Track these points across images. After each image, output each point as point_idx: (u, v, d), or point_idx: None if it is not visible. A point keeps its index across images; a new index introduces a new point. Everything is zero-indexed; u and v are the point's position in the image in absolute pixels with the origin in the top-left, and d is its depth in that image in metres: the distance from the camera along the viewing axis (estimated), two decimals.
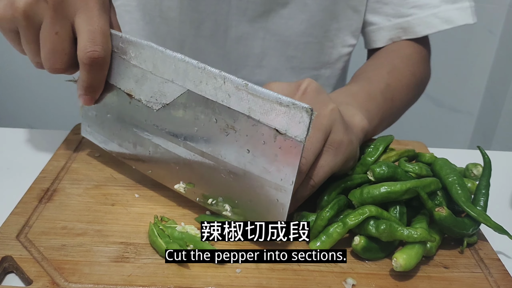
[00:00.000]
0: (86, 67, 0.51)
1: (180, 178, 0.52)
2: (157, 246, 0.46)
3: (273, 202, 0.46)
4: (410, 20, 0.77)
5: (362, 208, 0.47)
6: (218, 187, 0.49)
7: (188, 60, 0.47)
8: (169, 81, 0.49)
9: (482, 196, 0.52)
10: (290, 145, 0.43)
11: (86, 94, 0.53)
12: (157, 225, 0.49)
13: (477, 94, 1.74)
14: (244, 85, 0.44)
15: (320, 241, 0.47)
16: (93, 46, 0.49)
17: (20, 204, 0.52)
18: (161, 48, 0.49)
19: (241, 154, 0.46)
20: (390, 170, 0.51)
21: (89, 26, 0.49)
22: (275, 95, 0.43)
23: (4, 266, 0.44)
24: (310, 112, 0.42)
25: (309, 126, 0.42)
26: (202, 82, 0.47)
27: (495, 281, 0.46)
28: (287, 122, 0.43)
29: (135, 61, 0.51)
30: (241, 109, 0.45)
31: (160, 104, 0.50)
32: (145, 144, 0.54)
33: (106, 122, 0.57)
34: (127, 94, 0.53)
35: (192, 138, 0.49)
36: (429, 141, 0.75)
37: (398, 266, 0.44)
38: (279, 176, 0.45)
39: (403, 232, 0.45)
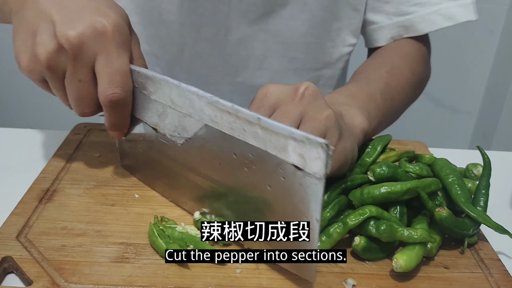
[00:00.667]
0: (108, 109, 0.51)
1: (210, 211, 0.51)
2: (157, 247, 0.46)
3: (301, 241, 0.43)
4: (412, 18, 0.77)
5: (362, 208, 0.47)
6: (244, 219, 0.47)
7: (202, 94, 0.45)
8: (187, 115, 0.48)
9: (482, 196, 0.52)
10: (310, 182, 0.40)
11: (113, 131, 0.54)
12: (157, 225, 0.48)
13: (477, 94, 1.74)
14: (257, 120, 0.42)
15: (320, 241, 0.47)
16: (112, 88, 0.50)
17: (20, 204, 0.52)
18: (176, 82, 0.47)
19: (263, 189, 0.44)
20: (390, 171, 0.50)
21: (107, 68, 0.49)
22: (288, 129, 0.40)
23: (4, 266, 0.44)
24: (326, 147, 0.38)
25: (327, 162, 0.39)
26: (217, 116, 0.45)
27: (496, 281, 0.46)
28: (304, 158, 0.40)
29: (154, 96, 0.50)
30: (257, 144, 0.43)
31: (182, 138, 0.49)
32: (175, 177, 0.53)
33: (138, 155, 0.57)
34: (153, 128, 0.52)
35: (216, 173, 0.48)
36: (429, 141, 0.75)
37: (398, 267, 0.44)
38: (303, 214, 0.42)
39: (403, 233, 0.45)
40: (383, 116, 0.67)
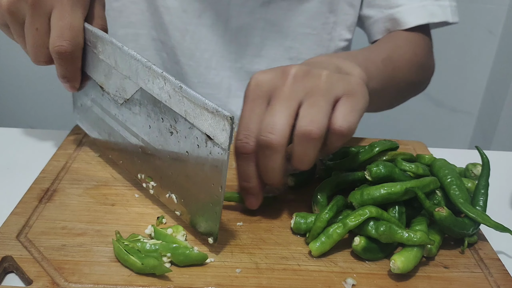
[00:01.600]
0: (56, 60, 0.54)
1: (142, 171, 0.54)
2: (131, 264, 0.44)
3: (207, 206, 0.46)
4: (401, 10, 0.80)
5: (362, 209, 0.47)
6: (168, 183, 0.51)
7: (139, 58, 0.48)
8: (127, 77, 0.51)
9: (482, 196, 0.52)
10: (218, 152, 0.43)
11: (64, 83, 0.57)
12: (121, 241, 0.46)
13: (477, 94, 1.74)
14: (179, 88, 0.45)
15: (320, 241, 0.47)
16: (60, 41, 0.53)
17: (20, 204, 0.52)
18: (119, 44, 0.51)
19: (183, 154, 0.47)
20: (387, 170, 0.51)
21: (59, 21, 0.52)
22: (202, 100, 0.43)
23: (4, 266, 0.44)
24: (231, 121, 0.41)
25: (231, 134, 0.42)
26: (149, 81, 0.48)
27: (495, 281, 0.46)
28: (214, 128, 0.43)
29: (102, 55, 0.53)
30: (179, 110, 0.46)
31: (122, 99, 0.52)
32: (116, 136, 0.56)
33: (88, 111, 0.60)
34: (100, 86, 0.55)
35: (147, 134, 0.51)
36: (429, 141, 0.75)
37: (396, 268, 0.44)
38: (211, 181, 0.45)
39: (402, 235, 0.45)
40: (384, 82, 0.68)
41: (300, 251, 0.48)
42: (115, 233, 0.47)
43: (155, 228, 0.48)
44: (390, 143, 0.58)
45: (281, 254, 0.47)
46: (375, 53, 0.71)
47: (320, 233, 0.48)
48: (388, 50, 0.74)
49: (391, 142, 0.58)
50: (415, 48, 0.80)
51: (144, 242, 0.46)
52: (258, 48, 0.82)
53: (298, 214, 0.50)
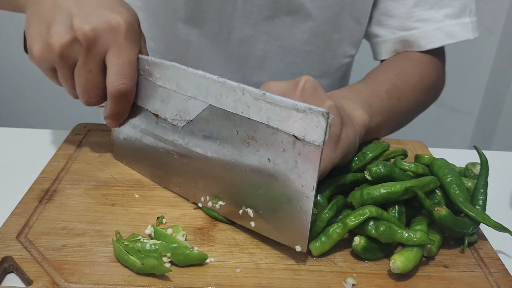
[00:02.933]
0: (114, 98, 0.54)
1: (206, 193, 0.53)
2: (131, 264, 0.44)
3: (296, 210, 0.45)
4: (415, 34, 0.77)
5: (362, 208, 0.47)
6: (242, 198, 0.49)
7: (209, 76, 0.48)
8: (192, 97, 0.50)
9: (481, 196, 0.52)
10: (309, 150, 0.43)
11: (112, 120, 0.57)
12: (121, 241, 0.46)
13: (477, 94, 1.74)
14: (262, 95, 0.45)
15: (320, 241, 0.47)
16: (121, 79, 0.53)
17: (20, 204, 0.52)
18: (183, 67, 0.50)
19: (263, 163, 0.47)
20: (387, 169, 0.51)
21: (118, 59, 0.52)
22: (291, 102, 0.43)
23: (4, 266, 0.44)
24: (327, 115, 0.42)
25: (327, 130, 0.42)
26: (222, 95, 0.48)
27: (495, 280, 0.46)
28: (305, 127, 0.43)
29: (160, 81, 0.53)
30: (260, 118, 0.46)
31: (184, 121, 0.52)
32: (173, 163, 0.55)
33: (136, 144, 0.59)
34: (154, 115, 0.55)
35: (215, 152, 0.50)
36: (429, 141, 0.75)
37: (396, 268, 0.44)
38: (300, 182, 0.44)
39: (402, 234, 0.45)
40: (388, 114, 0.67)
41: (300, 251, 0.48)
42: (115, 233, 0.47)
43: (155, 228, 0.48)
44: (381, 146, 0.58)
45: (281, 254, 0.47)
46: (380, 83, 0.69)
47: (320, 233, 0.48)
48: (394, 78, 0.72)
49: (382, 144, 0.58)
50: (423, 72, 0.77)
51: (144, 242, 0.46)
52: (260, 61, 0.81)
53: None
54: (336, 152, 0.51)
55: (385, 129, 0.69)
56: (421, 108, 0.80)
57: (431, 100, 0.83)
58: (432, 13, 0.77)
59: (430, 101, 0.83)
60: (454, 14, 0.77)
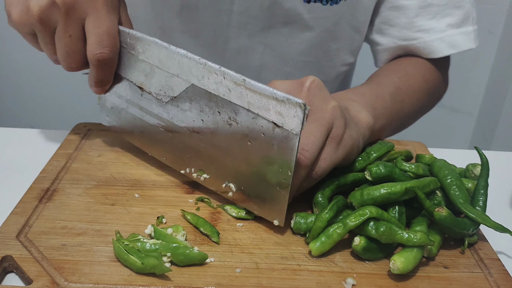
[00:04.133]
0: (95, 66, 0.54)
1: (191, 165, 0.55)
2: (131, 264, 0.44)
3: (275, 190, 0.48)
4: (416, 44, 0.77)
5: (362, 209, 0.47)
6: (225, 173, 0.52)
7: (191, 56, 0.49)
8: (174, 75, 0.51)
9: (481, 196, 0.52)
10: (287, 138, 0.45)
11: (96, 87, 0.57)
12: (121, 241, 0.46)
13: (477, 94, 1.74)
14: (242, 81, 0.46)
15: (320, 241, 0.47)
16: (100, 48, 0.53)
17: (20, 204, 0.52)
18: (165, 44, 0.51)
19: (244, 144, 0.48)
20: (387, 170, 0.51)
21: (96, 28, 0.52)
22: (271, 90, 0.45)
23: (4, 265, 0.44)
24: (304, 107, 0.43)
25: (304, 120, 0.44)
26: (204, 77, 0.49)
27: (495, 281, 0.46)
28: (283, 116, 0.45)
29: (142, 56, 0.53)
30: (241, 103, 0.47)
31: (168, 97, 0.53)
32: (158, 134, 0.56)
33: (122, 113, 0.60)
34: (139, 87, 0.56)
35: (199, 129, 0.52)
36: (429, 141, 0.75)
37: (396, 268, 0.44)
38: (278, 166, 0.47)
39: (402, 235, 0.45)
40: (392, 116, 0.67)
41: (300, 251, 0.48)
42: (115, 232, 0.47)
43: (155, 228, 0.48)
44: (386, 146, 0.58)
45: (281, 254, 0.47)
46: (384, 86, 0.69)
47: (320, 233, 0.48)
48: (397, 81, 0.71)
49: (386, 145, 0.58)
50: (426, 75, 0.77)
51: (144, 242, 0.46)
52: (257, 71, 0.80)
53: (298, 214, 0.50)
54: (338, 152, 0.51)
55: (388, 131, 0.69)
56: (424, 110, 0.80)
57: (433, 103, 0.82)
58: (434, 23, 0.76)
59: (433, 104, 0.82)
60: (457, 23, 0.76)
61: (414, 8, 0.75)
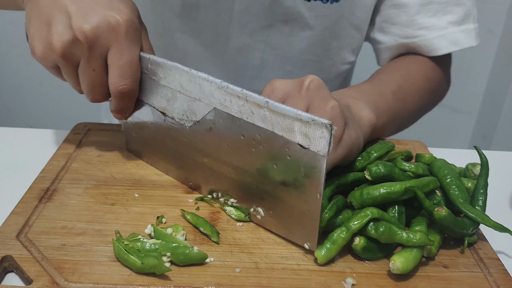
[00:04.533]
0: (117, 98, 0.54)
1: (218, 189, 0.54)
2: (131, 264, 0.44)
3: (304, 213, 0.46)
4: (418, 42, 0.77)
5: (364, 210, 0.47)
6: (252, 198, 0.50)
7: (212, 79, 0.48)
8: (196, 99, 0.50)
9: (481, 196, 0.52)
10: (314, 160, 0.43)
11: (118, 114, 0.57)
12: (121, 241, 0.46)
13: (477, 94, 1.74)
14: (265, 103, 0.45)
15: (325, 248, 0.46)
16: (122, 80, 0.53)
17: (20, 203, 0.52)
18: (186, 68, 0.50)
19: (270, 168, 0.47)
20: (387, 170, 0.51)
21: (119, 60, 0.52)
22: (295, 111, 0.43)
23: (4, 265, 0.44)
24: (330, 127, 0.42)
25: (331, 141, 0.42)
26: (226, 100, 0.48)
27: (495, 280, 0.46)
28: (309, 137, 0.43)
29: (164, 81, 0.53)
30: (264, 125, 0.46)
31: (191, 121, 0.52)
32: (182, 159, 0.56)
33: (146, 140, 0.60)
34: (161, 112, 0.55)
35: (223, 154, 0.51)
36: (429, 141, 0.75)
37: (395, 268, 0.44)
38: (307, 189, 0.45)
39: (402, 235, 0.45)
40: (394, 115, 0.67)
41: (299, 250, 0.48)
42: (115, 232, 0.47)
43: (155, 227, 0.48)
44: (386, 146, 0.58)
45: (280, 253, 0.47)
46: (386, 84, 0.69)
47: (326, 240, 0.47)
48: (399, 79, 0.72)
49: (387, 144, 0.58)
50: (428, 73, 0.77)
51: (143, 241, 0.46)
52: (258, 70, 0.80)
53: None
54: (337, 152, 0.51)
55: (390, 130, 0.69)
56: (425, 109, 0.80)
57: (435, 102, 0.82)
58: (435, 20, 0.76)
59: (435, 103, 0.82)
60: (458, 21, 0.76)
61: (415, 6, 0.75)
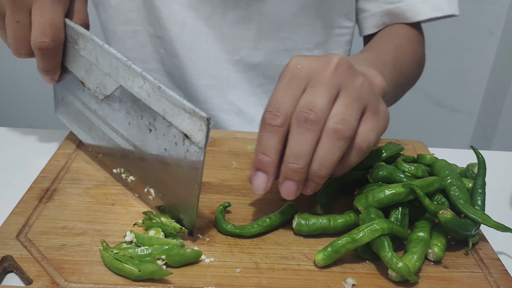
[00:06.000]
0: (38, 55, 0.56)
1: (121, 165, 0.56)
2: (127, 273, 0.42)
3: (185, 201, 0.48)
4: (401, 6, 0.80)
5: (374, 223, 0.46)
6: (147, 178, 0.52)
7: (119, 56, 0.50)
8: (107, 74, 0.52)
9: (479, 196, 0.52)
10: (194, 150, 0.45)
11: (44, 75, 0.59)
12: (109, 250, 0.44)
13: (477, 94, 1.74)
14: (157, 88, 0.47)
15: (326, 253, 0.45)
16: (42, 37, 0.54)
17: (20, 203, 0.52)
18: (100, 42, 0.52)
19: (161, 151, 0.49)
20: (388, 172, 0.51)
21: (40, 18, 0.54)
22: (180, 100, 0.45)
23: (4, 265, 0.44)
24: (207, 121, 0.43)
25: (208, 135, 0.43)
26: (129, 79, 0.50)
27: (495, 281, 0.46)
28: (191, 127, 0.45)
29: (83, 52, 0.55)
30: (158, 109, 0.47)
31: (102, 95, 0.54)
32: (95, 130, 0.58)
33: (69, 105, 0.62)
34: (81, 82, 0.57)
35: (127, 130, 0.52)
36: (429, 141, 0.75)
37: (394, 276, 0.44)
38: (188, 176, 0.47)
39: (387, 255, 0.44)
40: (395, 86, 0.69)
41: (300, 251, 0.48)
42: (101, 242, 0.46)
43: (136, 234, 0.46)
44: (397, 147, 0.57)
45: (281, 254, 0.47)
46: (384, 56, 0.71)
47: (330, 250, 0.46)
48: (394, 51, 0.74)
49: (398, 146, 0.58)
50: (414, 46, 0.80)
51: (134, 247, 0.45)
52: (255, 41, 0.82)
53: (300, 215, 0.50)
54: (380, 122, 0.49)
55: (389, 102, 0.70)
56: (412, 83, 0.83)
57: (418, 76, 0.85)
58: None
59: (418, 77, 0.85)
60: None
61: None
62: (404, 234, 0.47)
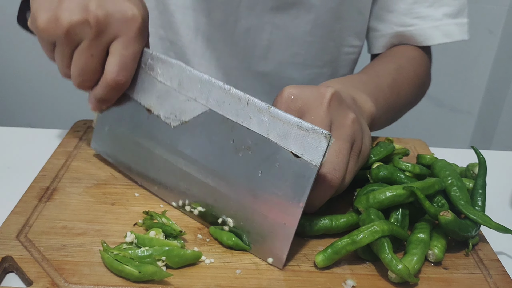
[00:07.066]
0: (108, 88, 0.53)
1: (186, 197, 0.52)
2: (127, 274, 0.42)
3: (280, 225, 0.45)
4: (413, 30, 0.79)
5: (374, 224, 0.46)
6: (224, 207, 0.49)
7: (214, 81, 0.48)
8: (192, 99, 0.50)
9: (480, 196, 0.52)
10: (305, 169, 0.43)
11: (97, 103, 0.56)
12: (109, 251, 0.44)
13: (477, 94, 1.74)
14: (266, 108, 0.45)
15: (326, 254, 0.45)
16: (121, 71, 0.52)
17: (20, 203, 0.52)
18: (189, 67, 0.50)
19: (254, 175, 0.46)
20: (388, 172, 0.51)
21: (124, 50, 0.51)
22: (296, 120, 0.43)
23: (4, 266, 0.44)
24: (329, 138, 0.42)
25: (326, 152, 0.42)
26: (225, 102, 0.47)
27: (495, 282, 0.46)
28: (304, 146, 0.43)
29: (161, 77, 0.52)
30: (260, 131, 0.45)
31: (178, 121, 0.51)
32: (156, 160, 0.54)
33: (118, 136, 0.58)
34: (146, 109, 0.54)
35: (205, 157, 0.49)
36: (429, 141, 0.75)
37: (393, 278, 0.44)
38: (288, 199, 0.44)
39: (387, 256, 0.44)
40: (389, 108, 0.69)
41: (300, 251, 0.48)
42: (101, 243, 0.46)
43: (137, 234, 0.47)
44: (386, 150, 0.57)
45: None
46: (383, 77, 0.71)
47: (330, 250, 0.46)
48: (393, 73, 0.73)
49: (386, 148, 0.57)
50: (417, 69, 0.79)
51: (135, 248, 0.45)
52: (265, 51, 0.82)
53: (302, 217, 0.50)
54: (358, 164, 0.51)
55: (383, 123, 0.70)
56: (413, 104, 0.83)
57: (420, 97, 0.85)
58: (431, 11, 0.78)
59: (419, 99, 0.85)
60: (453, 14, 0.79)
61: None
62: (404, 235, 0.48)
